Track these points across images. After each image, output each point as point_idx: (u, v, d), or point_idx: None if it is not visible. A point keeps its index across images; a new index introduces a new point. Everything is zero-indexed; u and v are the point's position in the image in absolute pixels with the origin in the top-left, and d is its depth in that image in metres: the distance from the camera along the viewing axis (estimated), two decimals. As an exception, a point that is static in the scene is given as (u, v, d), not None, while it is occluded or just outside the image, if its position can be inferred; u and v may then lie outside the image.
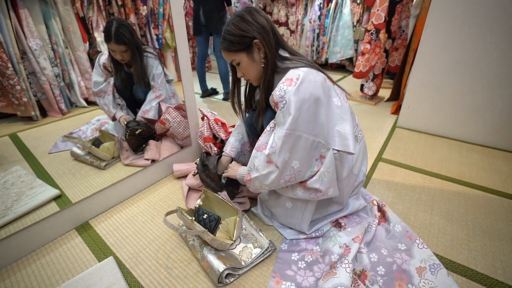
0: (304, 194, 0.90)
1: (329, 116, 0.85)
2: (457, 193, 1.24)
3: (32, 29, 1.17)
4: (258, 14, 0.85)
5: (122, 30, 1.26)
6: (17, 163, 1.22)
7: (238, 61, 0.89)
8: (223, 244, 0.89)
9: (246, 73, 0.92)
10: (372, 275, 0.82)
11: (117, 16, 1.39)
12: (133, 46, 1.31)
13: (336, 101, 0.87)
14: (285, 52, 0.91)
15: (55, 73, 1.29)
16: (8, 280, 0.86)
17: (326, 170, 0.85)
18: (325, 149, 0.85)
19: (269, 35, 0.86)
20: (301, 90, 0.79)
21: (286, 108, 0.79)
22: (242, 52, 0.87)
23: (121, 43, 1.27)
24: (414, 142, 1.72)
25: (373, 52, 2.14)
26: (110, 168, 1.34)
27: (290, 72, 0.83)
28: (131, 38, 1.29)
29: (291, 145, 0.81)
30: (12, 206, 1.04)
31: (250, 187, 0.96)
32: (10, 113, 1.20)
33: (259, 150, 0.88)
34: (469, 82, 1.61)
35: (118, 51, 1.30)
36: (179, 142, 1.50)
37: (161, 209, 1.16)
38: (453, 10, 1.53)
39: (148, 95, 1.45)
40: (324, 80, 0.85)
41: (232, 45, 0.86)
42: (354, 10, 3.19)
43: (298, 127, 0.80)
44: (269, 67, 0.88)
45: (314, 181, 0.86)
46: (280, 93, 0.80)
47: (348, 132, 0.86)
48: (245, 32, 0.84)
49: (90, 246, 0.99)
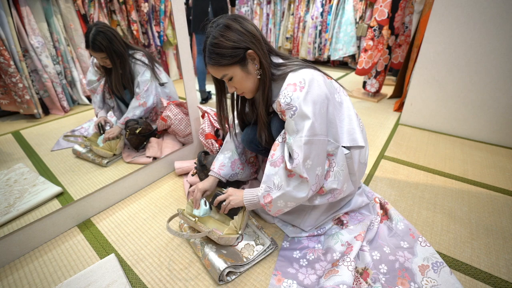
0: (321, 200, 0.88)
1: (335, 114, 0.84)
2: (461, 191, 1.23)
3: (33, 27, 1.17)
4: (245, 22, 0.78)
5: (100, 38, 1.22)
6: (19, 160, 1.23)
7: (231, 75, 0.80)
8: (229, 239, 0.89)
9: (240, 87, 0.84)
10: (375, 273, 0.82)
11: (99, 21, 1.33)
12: (111, 54, 1.27)
13: (337, 97, 0.86)
14: (277, 58, 0.86)
15: (57, 70, 1.29)
16: (11, 277, 0.87)
17: (340, 168, 0.84)
18: (334, 147, 0.84)
19: (261, 43, 0.79)
20: (310, 93, 0.75)
21: (298, 115, 0.75)
22: (235, 65, 0.78)
23: (98, 51, 1.25)
24: (417, 140, 1.71)
25: (376, 49, 2.12)
26: (112, 165, 1.35)
27: (290, 77, 0.78)
28: (109, 46, 1.25)
29: (312, 152, 0.77)
30: (15, 203, 1.04)
31: (271, 210, 0.86)
32: (13, 111, 1.21)
33: (276, 166, 0.82)
34: (473, 78, 1.59)
35: (99, 57, 1.28)
36: (181, 139, 1.50)
37: (162, 206, 1.17)
38: (458, 5, 1.51)
39: (131, 102, 1.41)
40: (324, 78, 0.84)
41: (223, 59, 0.76)
42: (357, 6, 3.16)
43: (315, 132, 0.76)
44: (267, 77, 0.82)
45: (331, 182, 0.85)
46: (286, 100, 0.75)
47: (354, 126, 0.85)
48: (237, 43, 0.75)
49: (92, 243, 0.99)
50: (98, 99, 1.42)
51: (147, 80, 1.40)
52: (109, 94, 1.44)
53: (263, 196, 0.85)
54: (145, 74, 1.39)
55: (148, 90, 1.41)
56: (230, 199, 0.92)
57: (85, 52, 1.37)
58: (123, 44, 1.32)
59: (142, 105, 1.41)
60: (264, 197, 0.85)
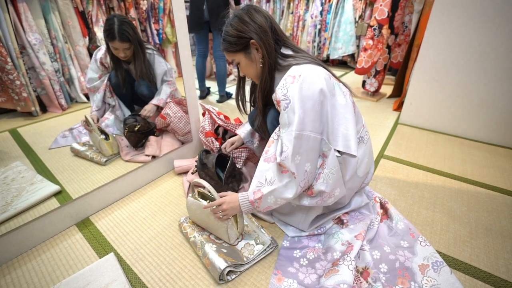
0: (311, 202, 0.87)
1: (333, 114, 0.82)
2: (460, 191, 1.23)
3: (31, 24, 1.15)
4: (256, 13, 0.84)
5: (125, 27, 1.23)
6: (17, 158, 1.22)
7: (238, 61, 0.90)
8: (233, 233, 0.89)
9: (245, 73, 0.94)
10: (375, 273, 0.82)
11: (116, 13, 1.36)
12: (136, 43, 1.29)
13: (341, 99, 0.84)
14: (287, 50, 0.89)
15: (54, 68, 1.27)
16: (8, 276, 0.86)
17: (330, 171, 0.82)
18: (327, 148, 0.82)
19: (267, 34, 0.83)
20: (304, 87, 0.76)
21: (291, 108, 0.76)
22: (240, 52, 0.87)
23: (125, 41, 1.25)
24: (416, 139, 1.71)
25: (375, 48, 2.12)
26: (111, 164, 1.34)
27: (292, 69, 0.80)
28: (134, 35, 1.27)
29: (302, 147, 0.77)
30: (13, 202, 1.03)
31: (260, 205, 0.84)
32: (10, 109, 1.19)
33: (269, 162, 0.83)
34: (473, 78, 1.60)
35: (121, 48, 1.27)
36: (180, 137, 1.49)
37: (162, 205, 1.16)
38: (458, 5, 1.51)
39: (164, 88, 1.46)
40: (328, 76, 0.83)
41: (230, 46, 0.87)
42: (356, 5, 3.15)
43: (305, 127, 0.76)
44: (266, 67, 0.87)
45: (320, 184, 0.83)
46: (283, 91, 0.78)
47: (350, 133, 0.83)
48: (242, 32, 0.83)
49: (91, 242, 0.98)
50: (98, 98, 1.41)
51: (171, 68, 1.45)
52: (110, 93, 1.43)
53: (253, 192, 0.84)
54: (167, 64, 1.45)
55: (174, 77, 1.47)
56: (226, 212, 0.86)
57: (83, 50, 1.35)
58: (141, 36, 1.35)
59: (174, 90, 1.48)
60: (254, 192, 0.83)
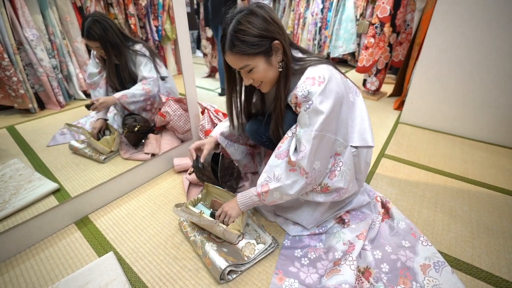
0: (327, 198, 0.88)
1: (348, 113, 0.83)
2: (461, 190, 1.23)
3: (28, 19, 1.13)
4: (271, 11, 0.76)
5: (94, 26, 1.21)
6: (15, 156, 1.20)
7: (253, 66, 0.76)
8: (232, 235, 0.88)
9: (259, 79, 0.80)
10: (377, 272, 0.81)
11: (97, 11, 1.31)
12: (105, 43, 1.26)
13: (351, 96, 0.86)
14: (297, 52, 0.86)
15: (52, 64, 1.25)
16: (6, 275, 0.85)
17: (347, 168, 0.84)
18: (343, 147, 0.84)
19: (286, 35, 0.78)
20: (327, 89, 0.75)
21: (313, 109, 0.74)
22: (259, 56, 0.75)
23: (91, 39, 1.24)
24: (417, 138, 1.71)
25: (377, 46, 2.11)
26: (110, 162, 1.33)
27: (309, 71, 0.77)
28: (103, 35, 1.24)
29: (319, 147, 0.78)
30: (10, 200, 1.02)
31: (266, 199, 0.86)
32: (7, 105, 1.17)
33: (279, 158, 0.83)
34: (475, 78, 1.59)
35: (94, 46, 1.27)
36: (180, 136, 1.48)
37: (161, 203, 1.15)
38: (461, 4, 1.50)
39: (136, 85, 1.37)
40: (341, 76, 0.83)
41: (249, 48, 0.72)
42: (358, 3, 3.14)
43: (325, 127, 0.76)
44: (289, 70, 0.80)
45: (337, 181, 0.84)
46: (304, 93, 0.75)
47: (366, 126, 0.85)
48: (266, 32, 0.72)
49: (90, 241, 0.97)
50: (101, 94, 1.39)
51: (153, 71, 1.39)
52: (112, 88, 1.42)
53: (262, 185, 0.85)
54: (148, 65, 1.38)
55: (154, 81, 1.40)
56: (229, 214, 0.91)
57: (82, 46, 1.33)
58: (120, 35, 1.30)
59: (145, 90, 1.38)
60: (262, 185, 0.85)
